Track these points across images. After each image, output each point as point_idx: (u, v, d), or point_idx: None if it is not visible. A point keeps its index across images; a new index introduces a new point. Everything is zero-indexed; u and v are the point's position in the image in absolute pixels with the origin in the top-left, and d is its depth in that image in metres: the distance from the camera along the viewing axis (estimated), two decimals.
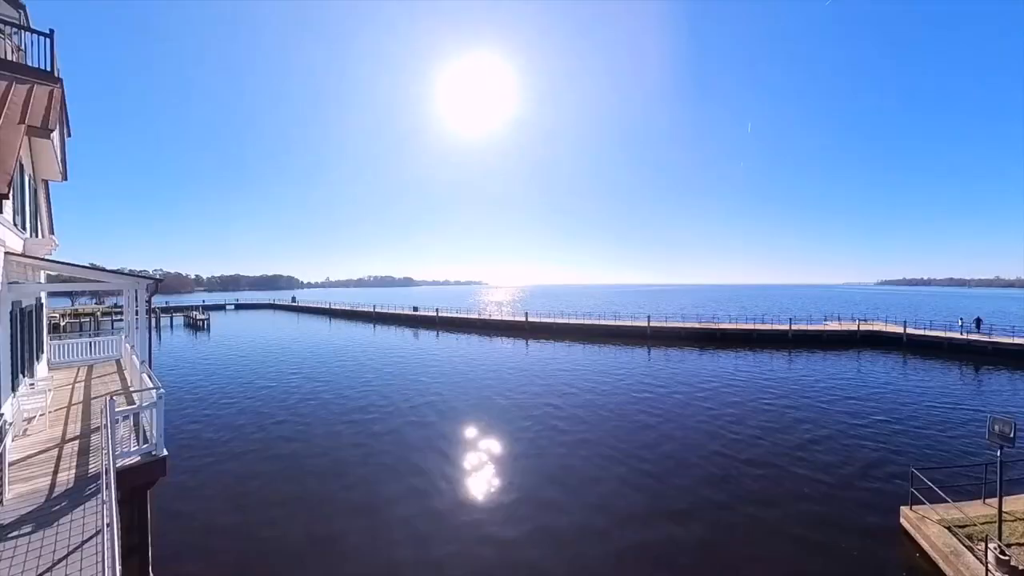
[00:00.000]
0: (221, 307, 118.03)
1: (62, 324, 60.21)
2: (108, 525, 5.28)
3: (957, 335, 41.37)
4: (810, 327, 49.08)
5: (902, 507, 12.18)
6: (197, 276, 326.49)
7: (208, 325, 70.78)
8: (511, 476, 15.40)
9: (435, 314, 71.78)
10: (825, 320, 57.03)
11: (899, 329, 44.46)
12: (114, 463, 6.80)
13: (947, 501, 11.66)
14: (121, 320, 18.46)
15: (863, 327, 47.57)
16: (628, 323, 53.78)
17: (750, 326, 49.87)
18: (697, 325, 51.52)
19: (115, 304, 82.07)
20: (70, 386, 13.78)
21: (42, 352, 15.25)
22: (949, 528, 10.85)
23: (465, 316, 68.98)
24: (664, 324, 51.72)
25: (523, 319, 60.38)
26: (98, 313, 72.80)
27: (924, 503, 11.83)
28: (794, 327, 47.55)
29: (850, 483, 14.69)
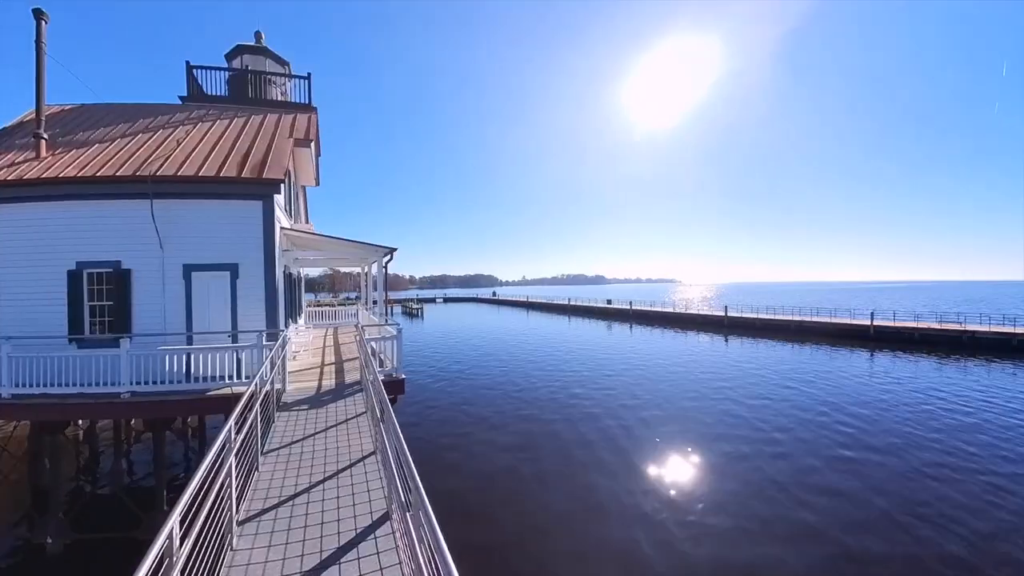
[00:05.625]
0: (432, 300, 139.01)
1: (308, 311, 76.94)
2: (372, 406, 7.00)
3: None
4: None
5: None
6: (411, 276, 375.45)
7: (422, 313, 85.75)
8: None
9: (628, 307, 71.05)
10: None
11: None
12: (369, 366, 8.64)
13: None
14: (353, 306, 23.52)
15: None
16: (846, 321, 45.89)
17: (1008, 329, 37.08)
18: (935, 326, 40.54)
19: (347, 297, 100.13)
20: (323, 336, 18.18)
21: (301, 311, 20.21)
22: None
23: (659, 310, 66.70)
24: (891, 323, 42.71)
25: (721, 314, 56.16)
26: (335, 303, 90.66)
27: None
28: None
29: None
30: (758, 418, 18.64)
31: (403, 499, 3.88)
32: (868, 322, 43.10)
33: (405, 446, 4.35)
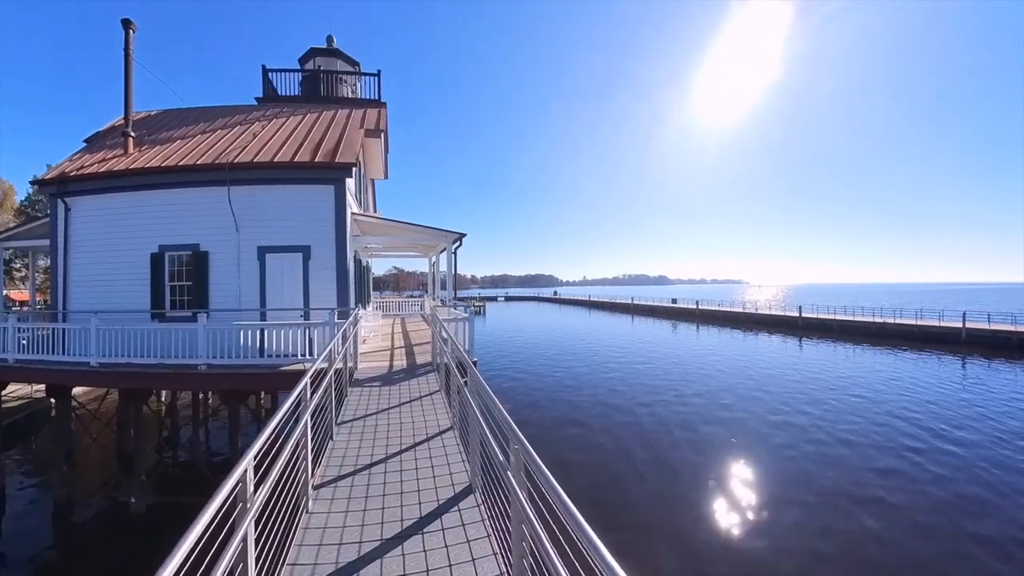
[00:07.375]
0: (494, 298, 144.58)
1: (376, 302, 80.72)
2: (445, 384, 6.72)
3: None
4: None
5: None
6: (473, 276, 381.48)
7: (484, 311, 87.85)
8: None
9: (695, 307, 67.67)
10: None
11: None
12: (448, 339, 8.01)
13: None
14: (418, 301, 23.76)
15: None
16: (934, 323, 40.83)
17: None
18: None
19: (410, 295, 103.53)
20: (391, 324, 18.19)
21: (370, 300, 20.54)
22: None
23: (728, 309, 62.95)
24: (985, 326, 37.55)
25: (795, 314, 51.84)
26: (398, 300, 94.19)
27: None
28: None
29: None
30: None
31: (501, 459, 3.33)
32: (959, 324, 38.17)
33: (497, 400, 3.84)
